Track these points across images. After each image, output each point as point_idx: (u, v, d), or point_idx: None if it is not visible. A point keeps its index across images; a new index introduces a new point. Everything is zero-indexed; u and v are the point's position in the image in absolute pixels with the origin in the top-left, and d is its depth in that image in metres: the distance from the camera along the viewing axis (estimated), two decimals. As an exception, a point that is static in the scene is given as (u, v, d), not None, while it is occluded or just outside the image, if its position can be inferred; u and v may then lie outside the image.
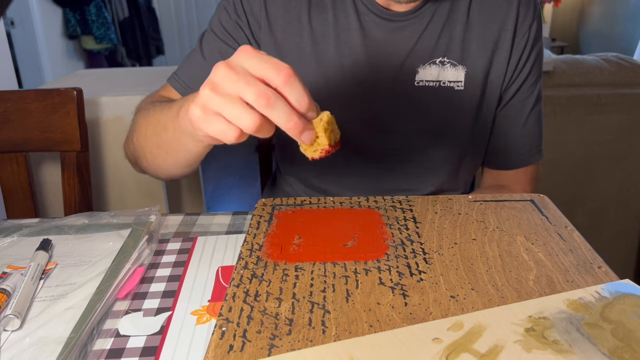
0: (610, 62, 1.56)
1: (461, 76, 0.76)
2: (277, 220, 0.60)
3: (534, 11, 0.77)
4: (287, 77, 0.43)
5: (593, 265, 0.50)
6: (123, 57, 3.73)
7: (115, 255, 0.57)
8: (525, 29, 0.76)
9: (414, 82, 0.76)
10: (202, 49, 0.80)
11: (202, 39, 0.81)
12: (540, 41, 0.79)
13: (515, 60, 0.77)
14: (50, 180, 1.44)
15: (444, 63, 0.76)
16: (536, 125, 0.82)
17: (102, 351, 0.45)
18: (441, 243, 0.54)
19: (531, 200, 0.64)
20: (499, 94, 0.79)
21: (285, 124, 0.44)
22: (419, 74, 0.76)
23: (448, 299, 0.45)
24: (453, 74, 0.76)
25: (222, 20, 0.79)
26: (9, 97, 0.96)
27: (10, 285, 0.51)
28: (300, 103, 0.44)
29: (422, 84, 0.76)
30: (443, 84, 0.76)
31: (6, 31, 1.83)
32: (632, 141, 1.57)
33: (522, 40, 0.76)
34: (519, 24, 0.76)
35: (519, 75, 0.78)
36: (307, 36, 0.76)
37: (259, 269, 0.51)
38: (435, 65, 0.75)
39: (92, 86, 1.57)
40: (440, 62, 0.75)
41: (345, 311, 0.44)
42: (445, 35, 0.75)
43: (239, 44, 0.78)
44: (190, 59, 0.82)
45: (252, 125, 0.44)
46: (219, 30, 0.79)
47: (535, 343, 0.39)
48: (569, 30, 4.50)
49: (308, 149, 0.49)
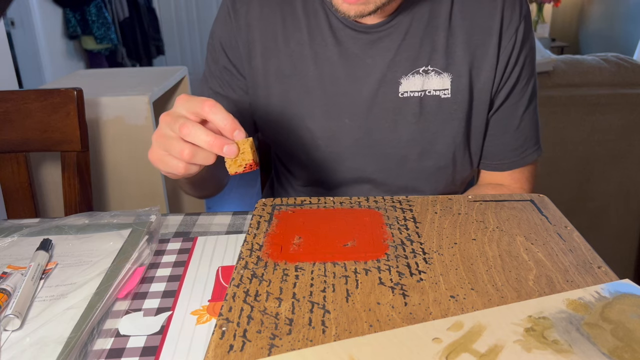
0: (610, 62, 1.56)
1: (447, 84, 0.74)
2: (277, 220, 0.60)
3: (520, 12, 0.74)
4: (209, 106, 0.53)
5: (593, 265, 0.50)
6: (123, 57, 3.73)
7: (115, 255, 0.57)
8: (512, 32, 0.74)
9: (398, 93, 0.74)
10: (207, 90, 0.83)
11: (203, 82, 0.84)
12: (530, 42, 0.77)
13: (503, 64, 0.75)
14: (50, 180, 1.44)
15: (428, 72, 0.74)
16: (531, 125, 0.81)
17: (102, 351, 0.45)
18: (441, 243, 0.54)
19: (531, 200, 0.64)
20: (489, 99, 0.77)
21: (205, 144, 0.53)
22: (402, 85, 0.74)
23: (448, 299, 0.45)
24: (438, 83, 0.74)
25: (211, 68, 0.81)
26: (9, 97, 0.96)
27: (10, 285, 0.51)
28: (224, 123, 0.53)
29: (406, 95, 0.74)
30: (428, 93, 0.74)
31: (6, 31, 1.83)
32: (632, 141, 1.57)
33: (509, 44, 0.74)
34: (504, 27, 0.73)
35: (509, 79, 0.76)
36: (285, 57, 0.76)
37: (259, 269, 0.51)
38: (419, 74, 0.74)
39: (92, 86, 1.57)
40: (424, 71, 0.74)
41: (345, 311, 0.44)
42: (427, 43, 0.73)
43: (231, 87, 0.80)
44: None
45: (186, 154, 0.54)
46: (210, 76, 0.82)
47: (535, 343, 0.39)
48: (569, 30, 4.50)
49: (232, 165, 0.55)
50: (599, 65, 1.55)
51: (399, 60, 0.74)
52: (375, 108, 0.75)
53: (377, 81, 0.74)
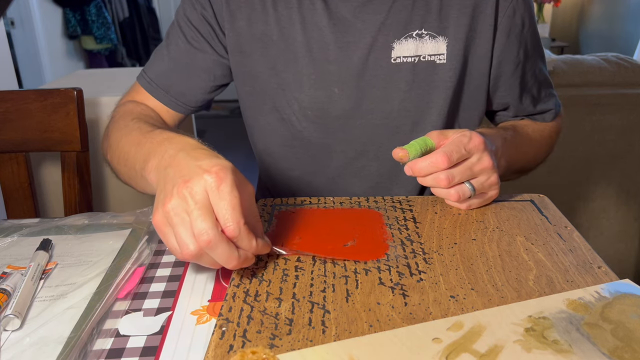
0: (610, 62, 1.56)
1: (442, 48, 0.71)
2: (277, 220, 0.60)
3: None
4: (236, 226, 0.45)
5: (593, 265, 0.50)
6: (123, 57, 3.73)
7: (115, 255, 0.57)
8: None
9: (391, 59, 0.71)
10: (167, 44, 0.78)
11: (169, 32, 0.79)
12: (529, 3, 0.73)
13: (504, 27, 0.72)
14: (50, 180, 1.44)
15: (422, 35, 0.70)
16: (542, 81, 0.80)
17: (102, 351, 0.45)
18: (441, 243, 0.54)
19: (531, 200, 0.64)
20: (489, 65, 0.74)
21: (225, 265, 0.46)
22: (395, 50, 0.71)
23: (448, 299, 0.45)
24: (433, 47, 0.71)
25: (187, 11, 0.76)
26: (9, 97, 0.96)
27: (10, 285, 0.51)
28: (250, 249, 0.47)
29: (399, 60, 0.71)
30: (423, 59, 0.71)
31: (6, 31, 1.83)
32: (632, 141, 1.57)
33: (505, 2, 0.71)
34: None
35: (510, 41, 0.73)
36: (273, 22, 0.73)
37: (259, 269, 0.51)
38: (412, 38, 0.70)
39: (92, 86, 1.57)
40: (418, 34, 0.70)
41: (345, 311, 0.44)
42: (420, 5, 0.70)
43: (205, 38, 0.76)
44: (157, 56, 0.80)
45: (189, 252, 0.45)
46: (184, 23, 0.77)
47: (535, 343, 0.39)
48: (569, 30, 4.50)
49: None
50: (599, 65, 1.55)
51: (391, 23, 0.71)
52: (366, 75, 0.73)
53: (367, 46, 0.72)
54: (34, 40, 3.03)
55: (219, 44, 0.77)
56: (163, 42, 0.80)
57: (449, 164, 0.57)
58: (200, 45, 0.77)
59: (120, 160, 0.66)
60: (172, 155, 0.51)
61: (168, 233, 0.46)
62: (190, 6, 0.76)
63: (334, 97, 0.74)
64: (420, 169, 0.58)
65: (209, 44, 0.77)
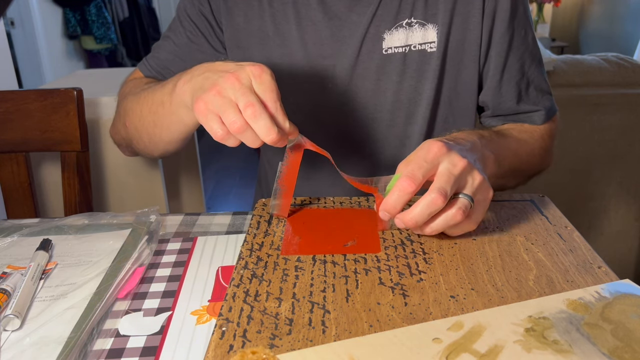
0: (610, 62, 1.56)
1: (432, 36, 0.70)
2: (277, 220, 0.60)
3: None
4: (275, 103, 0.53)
5: (593, 265, 0.50)
6: (123, 57, 3.73)
7: (115, 255, 0.57)
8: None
9: (382, 50, 0.71)
10: (168, 36, 0.81)
11: (170, 25, 0.82)
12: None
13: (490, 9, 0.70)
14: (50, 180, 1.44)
15: (412, 24, 0.70)
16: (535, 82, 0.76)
17: (102, 351, 0.45)
18: (441, 243, 0.54)
19: (531, 200, 0.64)
20: (479, 50, 0.73)
21: (265, 136, 0.51)
22: (386, 40, 0.71)
23: (448, 299, 0.45)
24: (422, 35, 0.70)
25: (187, 7, 0.78)
26: (9, 97, 0.96)
27: (10, 285, 0.51)
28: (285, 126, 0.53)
29: (390, 51, 0.71)
30: (413, 48, 0.71)
31: (6, 31, 1.83)
32: (632, 141, 1.57)
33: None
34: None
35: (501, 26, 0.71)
36: (268, 17, 0.74)
37: (259, 269, 0.51)
38: (403, 28, 0.70)
39: (92, 86, 1.56)
40: (408, 23, 0.70)
41: (345, 311, 0.44)
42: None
43: (202, 33, 0.78)
44: (161, 47, 0.83)
45: (236, 128, 0.51)
46: (183, 18, 0.79)
47: (535, 343, 0.39)
48: (569, 30, 4.50)
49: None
50: (599, 65, 1.55)
51: (381, 13, 0.71)
52: (359, 68, 0.73)
53: (360, 38, 0.72)
54: (34, 40, 3.03)
55: (216, 39, 0.79)
56: (165, 33, 0.82)
57: (415, 184, 0.51)
58: (198, 40, 0.79)
59: (144, 110, 0.69)
60: (206, 66, 0.57)
61: (212, 118, 0.52)
62: (190, 2, 0.78)
63: (328, 91, 0.74)
64: (393, 205, 0.51)
65: (206, 39, 0.79)
